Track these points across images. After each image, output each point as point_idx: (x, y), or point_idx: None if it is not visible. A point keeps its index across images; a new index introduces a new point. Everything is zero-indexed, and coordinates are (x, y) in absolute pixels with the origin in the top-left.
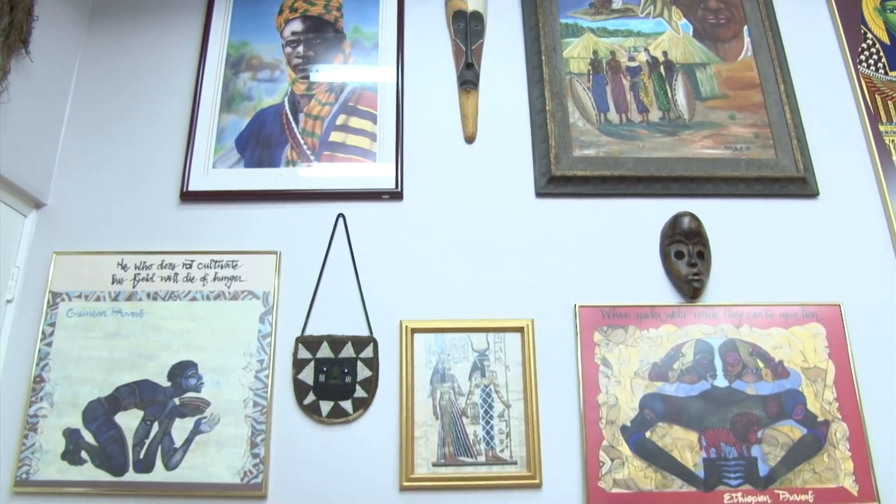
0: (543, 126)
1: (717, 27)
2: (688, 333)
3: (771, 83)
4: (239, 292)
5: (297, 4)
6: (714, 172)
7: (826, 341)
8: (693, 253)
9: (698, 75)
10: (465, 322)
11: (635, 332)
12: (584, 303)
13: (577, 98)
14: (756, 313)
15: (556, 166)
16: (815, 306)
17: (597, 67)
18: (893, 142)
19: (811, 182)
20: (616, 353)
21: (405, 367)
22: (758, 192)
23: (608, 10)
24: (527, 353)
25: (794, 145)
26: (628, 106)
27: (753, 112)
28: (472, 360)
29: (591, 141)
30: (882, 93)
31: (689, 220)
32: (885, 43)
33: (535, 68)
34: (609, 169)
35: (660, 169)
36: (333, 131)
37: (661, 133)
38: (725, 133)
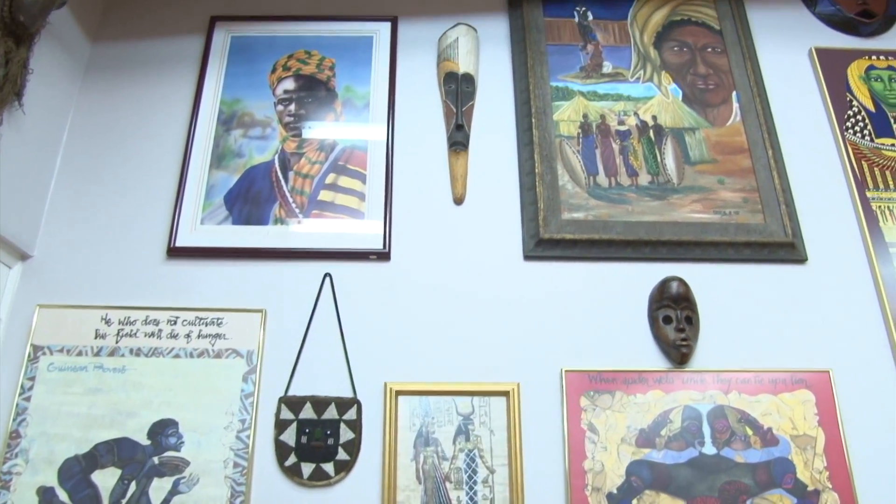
0: (532, 188)
1: (706, 92)
2: (676, 399)
3: (759, 148)
4: (223, 350)
5: (290, 63)
6: (703, 237)
7: (815, 408)
8: (681, 318)
9: (687, 140)
10: (450, 385)
11: (622, 398)
12: (570, 367)
13: (567, 161)
14: (745, 379)
15: (545, 229)
16: (804, 373)
17: (587, 130)
18: (880, 208)
19: (800, 247)
20: (603, 419)
21: (389, 430)
22: (746, 257)
23: (598, 74)
24: (512, 417)
25: (782, 210)
26: (617, 169)
27: (742, 177)
28: (457, 424)
29: (579, 204)
30: (868, 159)
31: (677, 285)
32: (870, 110)
33: (525, 130)
34: (598, 232)
35: (648, 233)
36: (322, 190)
37: (650, 197)
38: (714, 197)
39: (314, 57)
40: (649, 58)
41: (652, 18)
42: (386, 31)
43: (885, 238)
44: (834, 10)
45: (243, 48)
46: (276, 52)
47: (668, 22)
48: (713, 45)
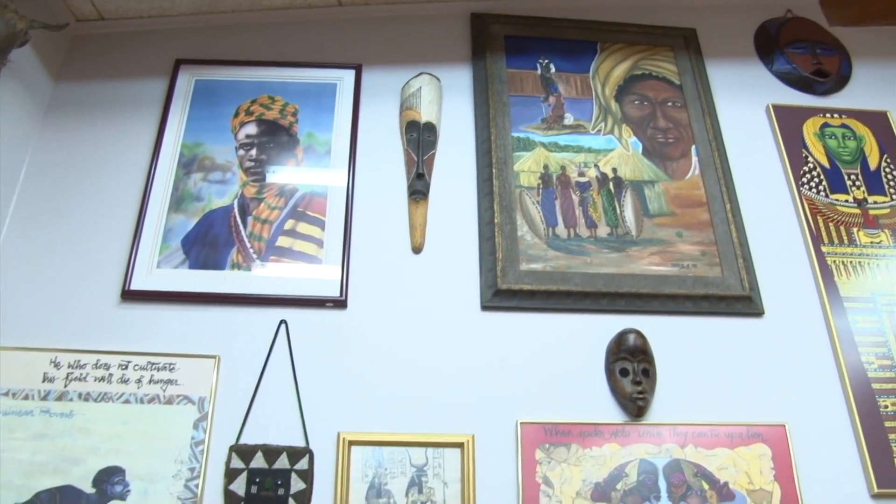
0: (491, 238)
1: (666, 146)
2: (632, 453)
3: (717, 202)
4: (174, 396)
5: (253, 108)
6: (661, 289)
7: (772, 462)
8: (638, 370)
9: (647, 192)
10: (404, 436)
11: (578, 451)
12: (526, 419)
13: (526, 211)
14: (701, 433)
15: (503, 279)
16: (761, 426)
17: (547, 182)
18: (835, 262)
19: (756, 301)
20: (558, 472)
21: (340, 481)
22: (704, 310)
23: (560, 126)
24: (466, 469)
25: (739, 264)
26: (577, 221)
27: (700, 230)
28: (410, 476)
29: (538, 255)
30: (824, 215)
31: (634, 338)
32: (825, 167)
33: (486, 181)
34: (556, 283)
35: (607, 285)
36: (281, 236)
37: (609, 249)
38: (672, 250)
39: (277, 102)
40: (610, 111)
41: (613, 72)
42: (350, 78)
43: (840, 292)
44: (790, 69)
45: (207, 92)
46: (240, 96)
47: (629, 76)
48: (673, 100)
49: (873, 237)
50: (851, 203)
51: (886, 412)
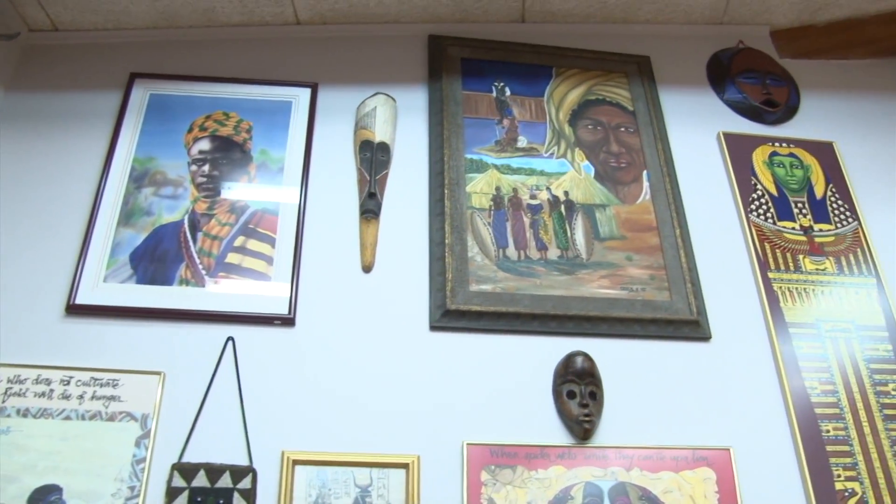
0: (441, 259)
1: (618, 170)
2: (577, 475)
3: (667, 227)
4: (116, 413)
5: (207, 123)
6: (609, 312)
7: (716, 486)
8: (585, 393)
9: (598, 216)
10: (348, 455)
11: (524, 473)
12: (472, 440)
13: (477, 233)
14: (647, 456)
15: (452, 300)
16: (706, 450)
17: (498, 203)
18: (781, 289)
19: (704, 325)
20: (503, 494)
21: (283, 501)
22: (652, 334)
23: (513, 149)
24: (411, 490)
25: (688, 288)
26: (527, 243)
27: (650, 254)
28: (354, 496)
29: (488, 276)
30: (771, 241)
31: (582, 360)
32: (773, 194)
33: (438, 201)
34: (505, 305)
35: (555, 307)
36: (231, 252)
37: (559, 271)
38: (622, 274)
39: (232, 119)
40: (564, 134)
41: (568, 97)
42: (305, 96)
43: (786, 318)
44: (741, 98)
45: (161, 106)
46: (194, 111)
47: (583, 101)
48: (626, 125)
49: (818, 264)
50: (798, 230)
51: (828, 437)
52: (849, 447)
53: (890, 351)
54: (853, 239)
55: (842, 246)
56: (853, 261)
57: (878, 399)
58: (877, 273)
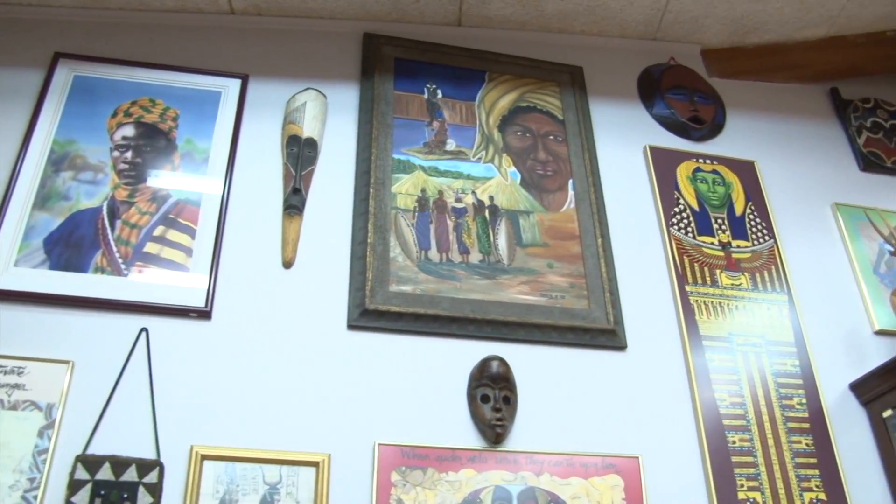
0: (363, 258)
1: (544, 178)
2: (487, 479)
3: (590, 236)
4: (20, 402)
5: (132, 109)
6: (527, 318)
7: (624, 493)
8: (499, 398)
9: (521, 222)
10: (258, 452)
11: (434, 475)
12: (384, 441)
13: (400, 233)
14: (557, 462)
15: (371, 300)
16: (615, 458)
17: (423, 205)
18: (697, 302)
19: (620, 335)
20: (413, 496)
21: (189, 496)
22: (569, 341)
23: (441, 151)
24: (320, 489)
25: (606, 298)
26: (450, 246)
27: (571, 262)
28: (262, 494)
29: (409, 277)
30: (690, 255)
31: (497, 365)
32: (694, 209)
33: (362, 200)
34: (424, 307)
35: (474, 311)
36: (149, 242)
37: (480, 275)
38: (542, 280)
39: (158, 106)
40: (492, 140)
41: (499, 102)
42: (235, 88)
43: (700, 331)
44: (668, 114)
45: (85, 88)
46: (120, 96)
47: (514, 107)
48: (555, 134)
49: (734, 280)
50: (716, 246)
51: (734, 447)
52: (753, 458)
53: (797, 366)
54: (768, 256)
55: (757, 263)
56: (767, 277)
57: (783, 412)
58: (788, 290)
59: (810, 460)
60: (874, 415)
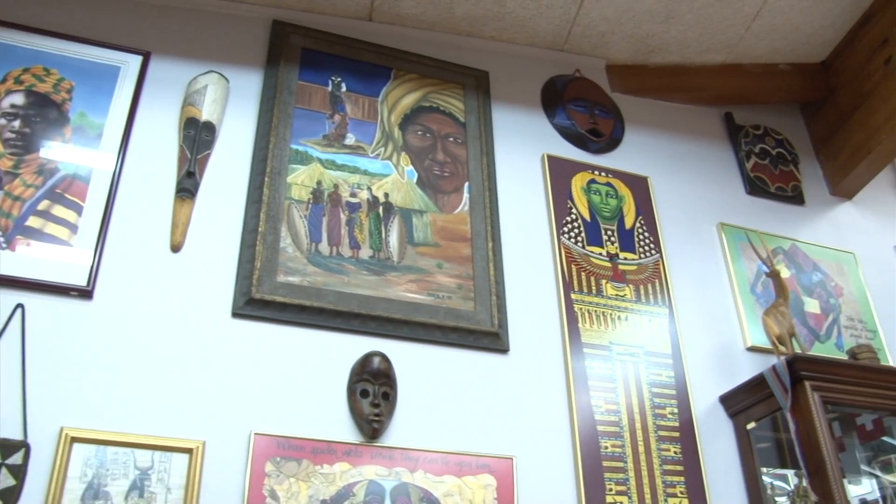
0: (252, 246)
1: (441, 179)
2: (362, 473)
3: (481, 239)
4: None
5: (24, 77)
6: (413, 317)
7: (496, 493)
8: (378, 393)
9: (414, 221)
10: (130, 436)
11: (309, 467)
12: (260, 431)
13: (292, 224)
14: (432, 459)
15: (258, 289)
16: (489, 458)
17: (318, 197)
18: (581, 310)
19: (503, 338)
20: (286, 487)
21: (55, 480)
22: (452, 342)
23: (340, 145)
24: (192, 476)
25: (492, 301)
26: (341, 240)
27: (460, 264)
28: (133, 479)
29: (297, 268)
30: (578, 264)
31: (378, 361)
32: (586, 219)
33: (257, 188)
34: (310, 299)
35: (360, 306)
36: (32, 216)
37: (369, 271)
38: (430, 280)
39: (52, 76)
40: (392, 137)
41: (402, 101)
42: (136, 64)
43: (582, 339)
44: (569, 124)
45: None
46: (12, 62)
47: (417, 106)
48: (455, 136)
49: (619, 290)
50: (604, 257)
51: (606, 453)
52: (623, 463)
53: (672, 377)
54: (654, 270)
55: (642, 275)
56: (651, 290)
57: (655, 421)
58: (670, 304)
59: (677, 467)
60: (739, 426)
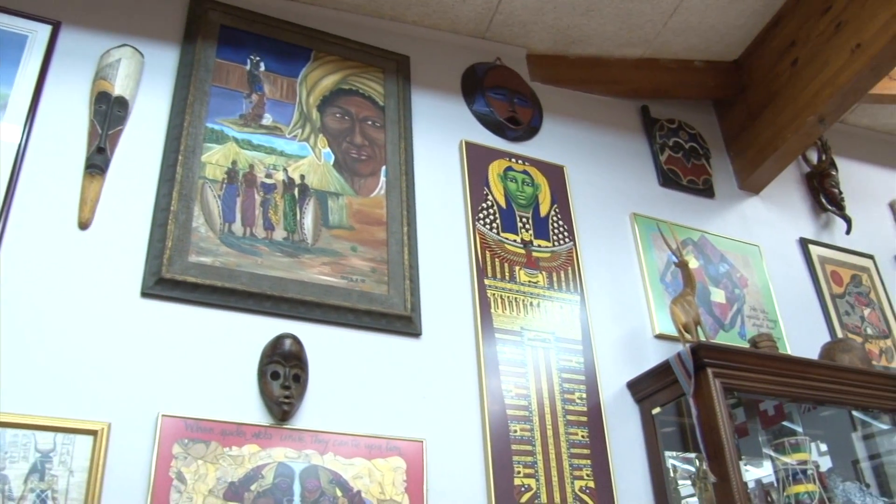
0: (164, 225)
1: (358, 162)
2: (271, 455)
3: (396, 223)
4: None
5: None
6: (325, 299)
7: (405, 475)
8: (289, 375)
9: (330, 203)
10: (31, 418)
11: (217, 449)
12: (168, 412)
13: (206, 204)
14: (342, 442)
15: (168, 268)
16: (400, 441)
17: (232, 178)
18: (494, 296)
19: (416, 322)
20: (193, 469)
21: None
22: (365, 325)
23: (257, 125)
24: (96, 458)
25: (406, 285)
26: (255, 221)
27: (375, 248)
28: (33, 461)
29: (209, 249)
30: (492, 250)
31: (290, 343)
32: (501, 206)
33: (170, 166)
34: (222, 280)
35: (273, 288)
36: None
37: (282, 253)
38: (344, 263)
39: None
40: (310, 119)
41: (322, 82)
42: (45, 33)
43: (494, 324)
44: (487, 111)
45: None
46: None
47: (336, 88)
48: (374, 119)
49: (532, 277)
50: (518, 243)
51: (515, 436)
52: (531, 447)
53: (581, 363)
54: (567, 258)
55: (555, 263)
56: (563, 278)
57: (564, 406)
58: (581, 291)
59: (584, 451)
60: (645, 411)
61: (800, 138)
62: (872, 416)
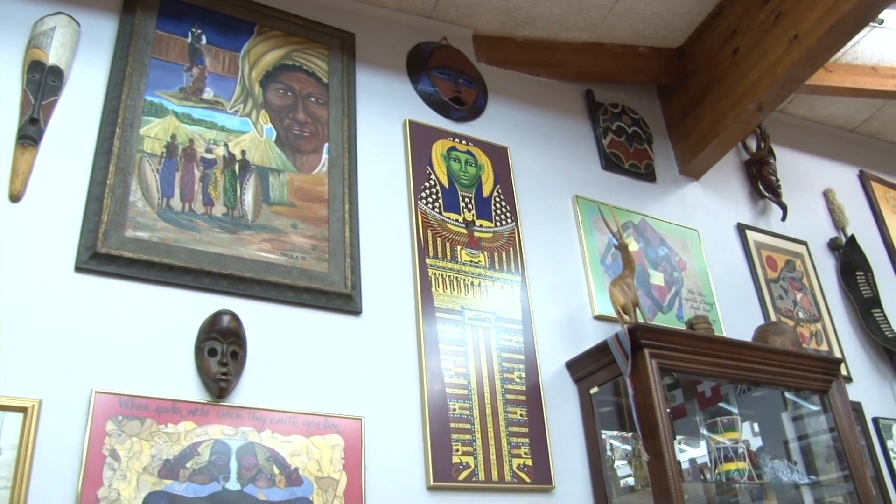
0: (100, 199)
1: (300, 139)
2: (207, 432)
3: (338, 201)
4: None
5: None
6: (265, 276)
7: (343, 453)
8: (227, 352)
9: (271, 180)
10: None
11: (152, 426)
12: (102, 389)
13: (144, 178)
14: (280, 419)
15: (104, 243)
16: (338, 418)
17: (171, 152)
18: (435, 275)
19: (356, 300)
20: (127, 446)
21: None
22: (305, 302)
23: (197, 99)
24: (26, 436)
25: (346, 263)
26: (194, 196)
27: (316, 225)
28: None
29: (147, 223)
30: (434, 229)
31: (228, 319)
32: (444, 186)
33: (107, 139)
34: (159, 255)
35: (211, 264)
36: None
37: (222, 229)
38: (284, 240)
39: None
40: (252, 94)
41: (265, 57)
42: None
43: (435, 303)
44: (432, 91)
45: None
46: None
47: (279, 64)
48: (317, 96)
49: (473, 257)
50: (461, 223)
51: (454, 415)
52: (470, 425)
53: (521, 343)
54: (508, 238)
55: (497, 243)
56: (505, 258)
57: (503, 385)
58: (522, 272)
59: (523, 429)
60: (583, 391)
61: (739, 126)
62: (803, 397)
